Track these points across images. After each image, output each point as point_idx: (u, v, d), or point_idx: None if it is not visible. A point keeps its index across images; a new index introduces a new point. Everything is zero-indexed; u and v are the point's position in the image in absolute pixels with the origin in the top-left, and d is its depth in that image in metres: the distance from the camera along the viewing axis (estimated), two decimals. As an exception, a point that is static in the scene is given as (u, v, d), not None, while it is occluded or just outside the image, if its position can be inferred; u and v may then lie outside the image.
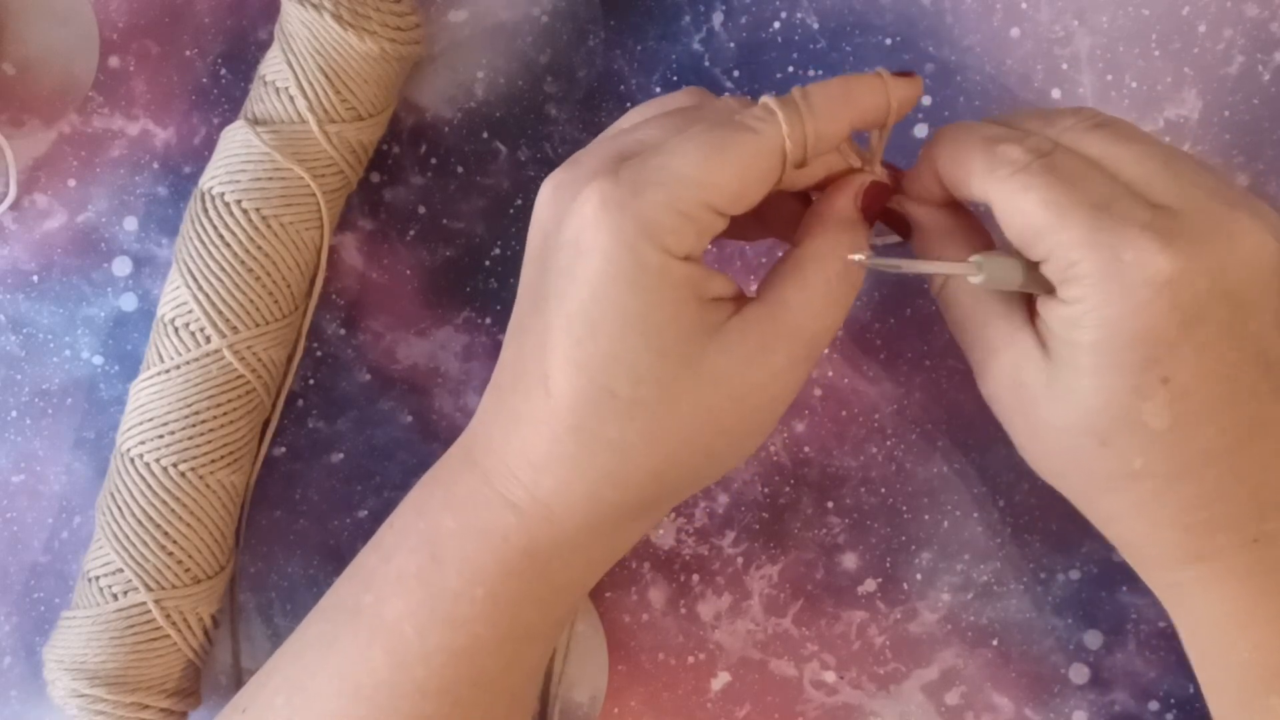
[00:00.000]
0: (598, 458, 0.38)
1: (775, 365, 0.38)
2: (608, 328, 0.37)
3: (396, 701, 0.40)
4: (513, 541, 0.39)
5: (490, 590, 0.40)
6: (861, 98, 0.39)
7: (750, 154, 0.37)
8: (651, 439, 0.38)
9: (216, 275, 0.46)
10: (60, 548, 0.51)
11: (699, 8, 0.50)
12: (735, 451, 0.40)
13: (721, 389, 0.38)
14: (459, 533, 0.40)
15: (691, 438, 0.38)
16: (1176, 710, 0.49)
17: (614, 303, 0.37)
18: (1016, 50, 0.49)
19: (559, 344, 0.37)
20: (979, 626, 0.49)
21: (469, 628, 0.40)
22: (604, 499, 0.39)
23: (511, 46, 0.50)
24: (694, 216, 0.37)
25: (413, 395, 0.51)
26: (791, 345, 0.38)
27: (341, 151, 0.47)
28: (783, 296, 0.39)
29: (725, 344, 0.38)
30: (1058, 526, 0.49)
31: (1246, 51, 0.48)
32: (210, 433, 0.46)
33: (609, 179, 0.37)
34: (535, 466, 0.39)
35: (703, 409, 0.38)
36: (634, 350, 0.37)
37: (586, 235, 0.37)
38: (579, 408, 0.38)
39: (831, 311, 0.39)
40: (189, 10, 0.51)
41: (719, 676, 0.50)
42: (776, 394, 0.39)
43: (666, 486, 0.39)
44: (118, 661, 0.46)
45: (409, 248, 0.51)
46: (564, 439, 0.38)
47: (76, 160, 0.51)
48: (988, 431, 0.49)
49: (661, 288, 0.37)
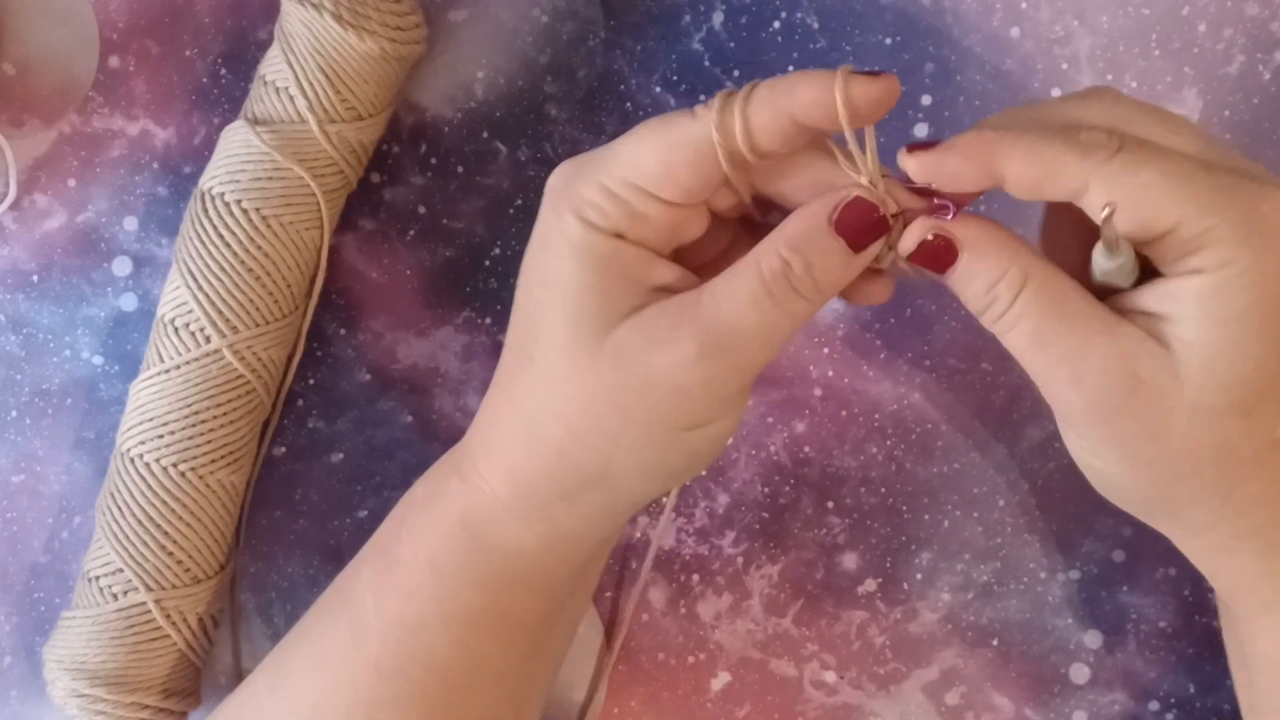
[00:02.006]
0: (516, 424, 0.39)
1: (683, 352, 0.36)
2: (534, 292, 0.38)
3: (357, 678, 0.40)
4: (452, 509, 0.40)
5: (430, 559, 0.40)
6: (802, 91, 0.35)
7: (676, 138, 0.37)
8: (556, 407, 0.37)
9: (216, 275, 0.46)
10: (60, 548, 0.51)
11: (699, 8, 0.50)
12: (651, 451, 0.38)
13: (624, 368, 0.37)
14: (422, 501, 0.41)
15: (596, 416, 0.37)
16: (1176, 710, 0.49)
17: (538, 268, 0.38)
18: (1016, 50, 0.49)
19: (513, 309, 0.39)
20: (979, 626, 0.49)
21: (415, 601, 0.40)
22: (520, 469, 0.39)
23: (511, 46, 0.50)
24: (617, 194, 0.37)
25: (413, 395, 0.51)
26: (703, 335, 0.36)
27: (341, 151, 0.47)
28: (709, 287, 0.37)
29: (636, 323, 0.37)
30: (1058, 526, 0.49)
31: (1246, 51, 0.48)
32: (210, 433, 0.46)
33: (570, 162, 0.38)
34: (477, 432, 0.40)
35: (604, 386, 0.37)
36: (546, 314, 0.37)
37: (541, 208, 0.38)
38: (505, 369, 0.39)
39: (759, 309, 0.36)
40: (189, 10, 0.51)
41: (719, 676, 0.50)
42: (687, 387, 0.36)
43: (580, 469, 0.38)
44: (117, 661, 0.46)
45: (409, 248, 0.51)
46: (497, 403, 0.39)
47: (76, 160, 0.51)
48: (987, 431, 0.49)
49: (580, 257, 0.37)
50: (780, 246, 0.37)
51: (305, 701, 0.41)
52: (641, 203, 0.37)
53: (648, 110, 0.50)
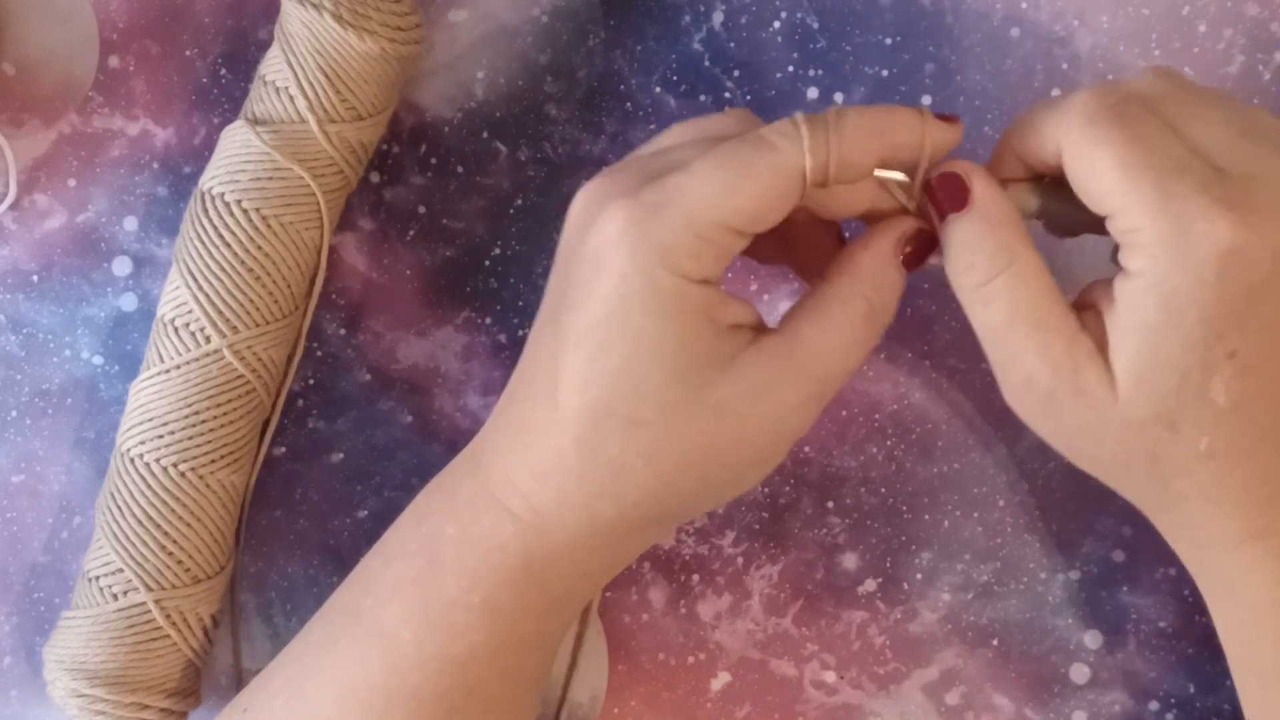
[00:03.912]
0: (596, 473, 0.38)
1: (785, 403, 0.38)
2: (619, 347, 0.37)
3: (391, 708, 0.40)
4: (510, 550, 0.39)
5: (486, 598, 0.39)
6: (895, 132, 0.38)
7: (769, 174, 0.37)
8: (650, 460, 0.38)
9: (216, 275, 0.46)
10: (60, 548, 0.51)
11: (699, 8, 0.50)
12: (735, 482, 0.40)
13: (726, 420, 0.37)
14: (458, 539, 0.40)
15: (691, 464, 0.38)
16: (1176, 710, 0.49)
17: (627, 324, 0.37)
18: (1016, 50, 0.49)
19: (571, 358, 0.37)
20: (979, 626, 0.49)
21: (466, 636, 0.40)
22: (600, 515, 0.39)
23: (511, 46, 0.50)
24: (711, 239, 0.37)
25: (413, 395, 0.51)
26: (804, 385, 0.38)
27: (341, 151, 0.47)
28: (802, 334, 0.38)
29: (735, 375, 0.37)
30: (1058, 526, 0.49)
31: (1246, 51, 0.48)
32: (210, 433, 0.46)
33: (631, 199, 0.37)
34: (536, 476, 0.39)
35: (705, 437, 0.37)
36: (642, 372, 0.37)
37: (605, 255, 0.37)
38: (582, 422, 0.38)
39: (852, 355, 0.38)
40: (189, 10, 0.51)
41: (719, 676, 0.50)
42: (783, 432, 0.38)
43: (663, 507, 0.39)
44: (118, 661, 0.46)
45: (409, 248, 0.51)
46: (565, 452, 0.38)
47: (76, 160, 0.51)
48: (987, 431, 0.49)
49: (675, 312, 0.37)
50: (866, 289, 0.38)
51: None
52: (732, 243, 0.37)
53: (647, 110, 0.50)
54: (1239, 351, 0.36)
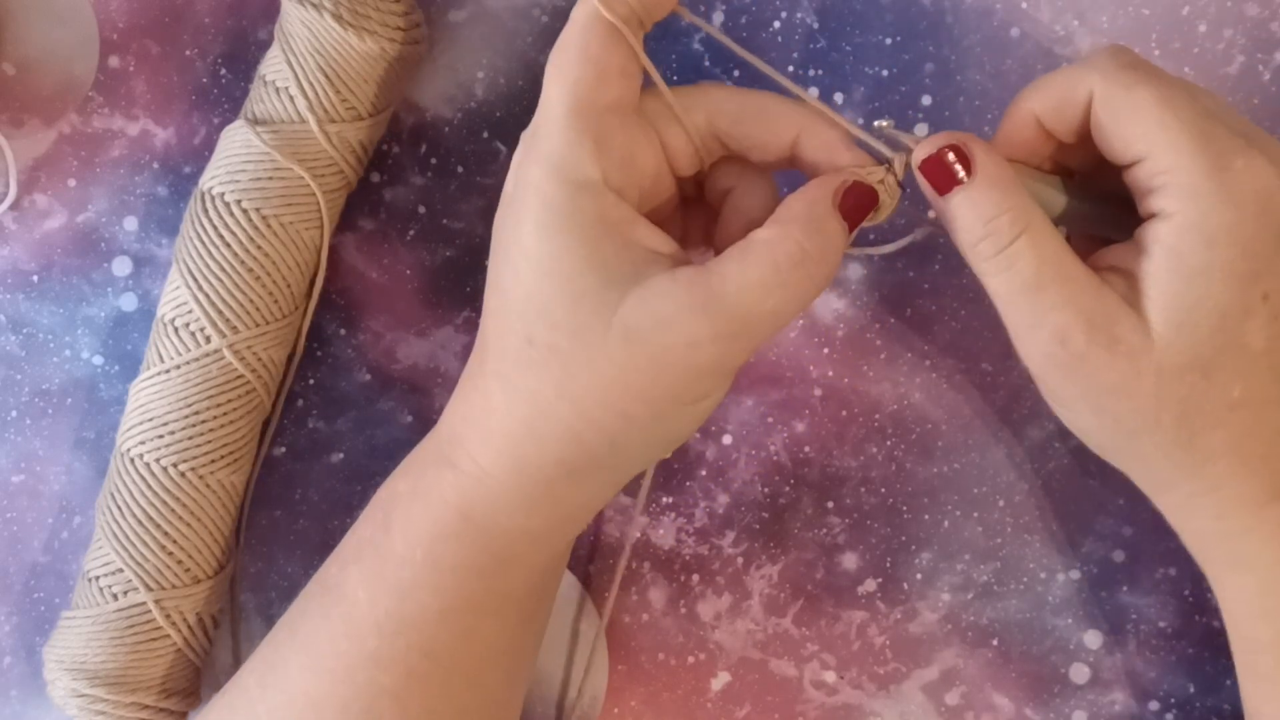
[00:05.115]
0: (517, 409, 0.38)
1: (695, 333, 0.36)
2: (525, 273, 0.37)
3: (354, 671, 0.40)
4: (449, 500, 0.39)
5: (428, 553, 0.39)
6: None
7: (576, 32, 0.37)
8: (564, 391, 0.37)
9: (216, 275, 0.46)
10: (60, 548, 0.51)
11: (699, 8, 0.50)
12: (660, 421, 0.38)
13: (634, 348, 0.36)
14: (408, 495, 0.40)
15: (607, 397, 0.37)
16: (1176, 710, 0.49)
17: (526, 247, 0.37)
18: (1016, 50, 0.49)
19: (488, 294, 0.38)
20: (979, 626, 0.49)
21: (414, 595, 0.40)
22: (525, 455, 0.38)
23: (511, 46, 0.50)
24: (581, 128, 0.37)
25: (413, 395, 0.51)
26: (718, 319, 0.36)
27: (341, 151, 0.47)
28: (721, 268, 0.37)
29: (643, 299, 0.36)
30: (1058, 526, 0.49)
31: (1246, 51, 0.48)
32: (210, 433, 0.46)
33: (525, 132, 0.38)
34: (467, 420, 0.39)
35: (615, 367, 0.37)
36: (547, 295, 0.37)
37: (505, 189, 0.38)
38: (501, 356, 0.38)
39: (773, 295, 0.36)
40: (189, 10, 0.51)
41: (719, 676, 0.50)
42: (700, 366, 0.37)
43: (589, 450, 0.38)
44: (117, 661, 0.46)
45: (409, 248, 0.51)
46: (490, 391, 0.38)
47: (76, 160, 0.51)
48: (988, 431, 0.49)
49: (571, 227, 0.36)
50: (796, 233, 0.37)
51: (300, 697, 0.40)
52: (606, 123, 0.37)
53: (648, 110, 0.50)
54: (1271, 294, 0.36)
